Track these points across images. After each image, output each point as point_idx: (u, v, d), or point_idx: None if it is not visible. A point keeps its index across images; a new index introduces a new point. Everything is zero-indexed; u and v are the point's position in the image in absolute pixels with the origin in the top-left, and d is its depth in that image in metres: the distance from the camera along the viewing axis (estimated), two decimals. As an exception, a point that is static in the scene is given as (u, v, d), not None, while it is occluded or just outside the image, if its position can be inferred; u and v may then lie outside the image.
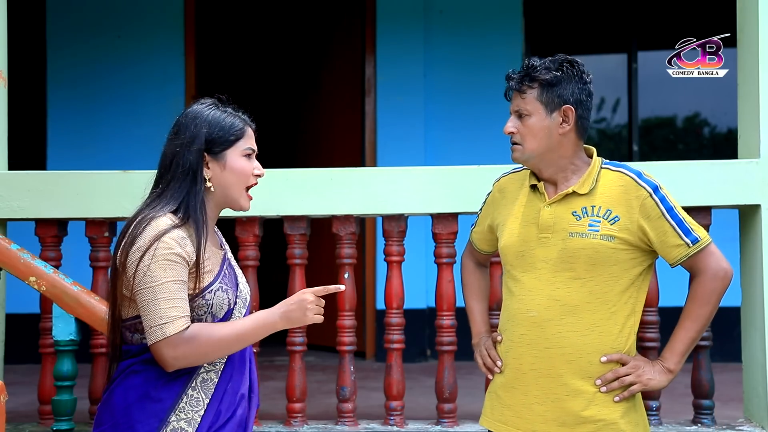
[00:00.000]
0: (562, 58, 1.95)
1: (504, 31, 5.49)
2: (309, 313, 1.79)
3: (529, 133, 1.93)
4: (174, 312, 1.70)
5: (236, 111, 1.91)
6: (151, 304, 1.70)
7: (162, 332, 1.69)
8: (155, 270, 1.70)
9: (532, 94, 1.92)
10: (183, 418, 1.75)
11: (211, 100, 1.90)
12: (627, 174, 1.93)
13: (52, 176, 2.87)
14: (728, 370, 3.55)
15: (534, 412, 1.92)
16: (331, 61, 5.75)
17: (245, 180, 1.87)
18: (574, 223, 1.90)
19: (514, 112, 1.96)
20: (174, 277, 1.71)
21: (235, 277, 1.89)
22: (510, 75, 1.98)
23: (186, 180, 1.80)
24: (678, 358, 1.92)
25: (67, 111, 5.41)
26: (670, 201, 1.91)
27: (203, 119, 1.84)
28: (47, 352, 2.74)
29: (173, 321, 1.70)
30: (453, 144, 5.39)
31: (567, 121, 1.93)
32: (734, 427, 2.67)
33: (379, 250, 4.67)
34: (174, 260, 1.72)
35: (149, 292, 1.70)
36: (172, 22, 5.43)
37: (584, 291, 1.88)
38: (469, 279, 2.23)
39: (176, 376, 1.76)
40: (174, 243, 1.72)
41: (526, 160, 1.97)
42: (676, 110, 5.79)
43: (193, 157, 1.81)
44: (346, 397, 2.73)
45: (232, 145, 1.85)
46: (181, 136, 1.83)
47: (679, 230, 1.89)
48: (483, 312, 2.20)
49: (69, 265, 2.84)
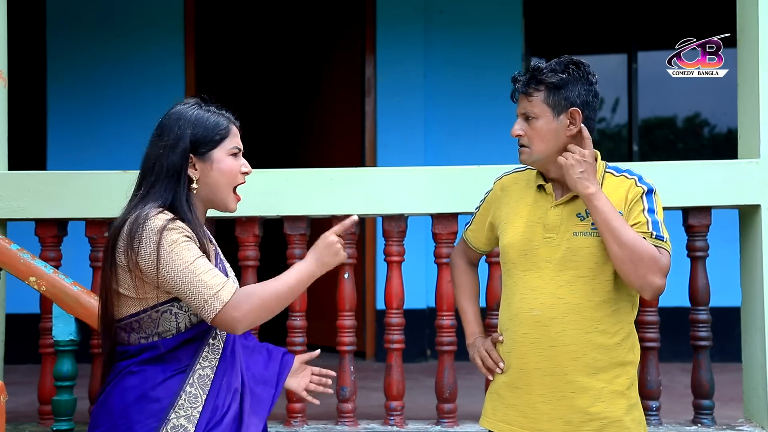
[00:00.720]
0: (567, 60, 1.95)
1: (504, 32, 5.49)
2: (341, 252, 1.85)
3: (536, 135, 1.94)
4: (219, 279, 1.73)
5: (220, 109, 1.90)
6: (194, 283, 1.71)
7: (219, 300, 1.71)
8: (180, 252, 1.72)
9: (539, 97, 1.93)
10: (183, 415, 1.75)
11: (194, 100, 1.89)
12: (629, 177, 1.96)
13: (52, 176, 2.87)
14: (728, 370, 3.55)
15: (539, 411, 1.93)
16: (331, 61, 5.75)
17: (233, 179, 1.87)
18: (579, 223, 1.93)
19: (521, 114, 1.96)
20: (198, 254, 1.75)
21: (226, 272, 1.89)
22: (516, 78, 1.98)
23: (171, 182, 1.80)
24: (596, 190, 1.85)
25: (67, 111, 5.41)
26: (654, 202, 1.92)
27: (187, 120, 1.83)
28: (47, 352, 2.74)
29: (223, 286, 1.72)
30: (453, 144, 5.39)
31: (574, 123, 1.93)
32: (734, 428, 2.67)
33: (379, 250, 4.67)
34: (188, 240, 1.75)
35: (186, 273, 1.71)
36: (172, 23, 5.43)
37: (587, 289, 1.90)
38: (461, 279, 2.23)
39: (172, 374, 1.76)
40: (182, 227, 1.75)
41: (533, 162, 1.98)
42: (676, 110, 5.79)
43: (177, 159, 1.81)
44: (346, 397, 2.73)
45: (218, 144, 1.84)
46: (165, 138, 1.82)
47: (649, 221, 1.88)
48: (476, 312, 2.20)
49: (69, 265, 2.84)
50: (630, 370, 1.93)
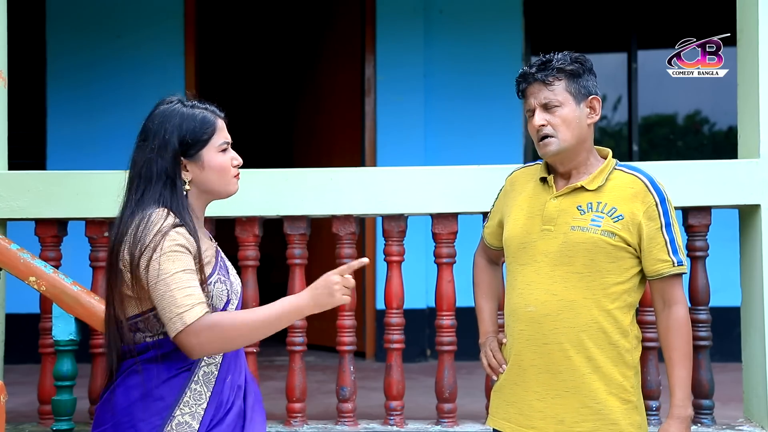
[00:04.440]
0: (572, 54, 1.95)
1: (504, 31, 5.49)
2: (337, 294, 1.76)
3: (563, 123, 1.91)
4: (190, 300, 1.69)
5: (203, 104, 1.87)
6: (166, 297, 1.69)
7: (182, 321, 1.68)
8: (164, 263, 1.70)
9: (560, 86, 1.91)
10: (187, 412, 1.76)
11: (176, 98, 1.87)
12: (640, 178, 1.93)
13: (51, 176, 2.87)
14: (728, 370, 3.55)
15: (534, 409, 1.92)
16: (331, 61, 5.74)
17: (226, 174, 1.86)
18: (578, 217, 1.90)
19: (540, 105, 1.92)
20: (184, 267, 1.71)
21: (227, 270, 1.89)
22: (528, 71, 1.95)
23: (166, 187, 1.79)
24: (689, 401, 1.93)
25: (67, 111, 5.41)
26: (670, 215, 1.92)
27: (173, 122, 1.81)
28: (47, 352, 2.74)
29: (191, 308, 1.69)
30: (453, 144, 5.38)
31: (594, 111, 1.94)
32: (734, 427, 2.67)
33: (379, 250, 4.66)
34: (180, 251, 1.72)
35: (162, 285, 1.70)
36: (172, 22, 5.43)
37: (581, 286, 1.88)
38: (480, 277, 2.22)
39: (177, 372, 1.76)
40: (178, 235, 1.73)
41: (559, 151, 1.93)
42: (676, 108, 5.80)
43: (169, 164, 1.79)
44: (346, 397, 2.73)
45: (207, 143, 1.83)
46: (152, 143, 1.80)
47: (669, 247, 1.90)
48: (492, 311, 2.18)
49: (69, 265, 2.83)
50: (627, 372, 1.91)
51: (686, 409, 1.91)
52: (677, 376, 1.91)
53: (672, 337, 1.92)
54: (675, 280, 1.92)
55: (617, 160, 2.01)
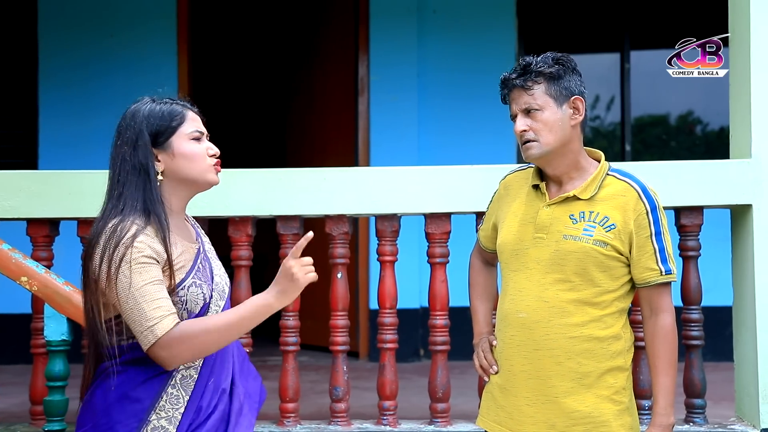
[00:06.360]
0: (554, 54, 1.95)
1: (497, 31, 5.49)
2: (298, 276, 1.73)
3: (544, 127, 1.91)
4: (159, 312, 1.69)
5: (173, 99, 1.90)
6: (135, 311, 1.69)
7: (153, 335, 1.68)
8: (131, 276, 1.70)
9: (539, 89, 1.91)
10: (164, 417, 1.75)
11: (147, 97, 1.90)
12: (633, 186, 1.93)
13: (43, 176, 2.86)
14: (720, 369, 3.56)
15: (524, 414, 1.92)
16: (324, 60, 5.74)
17: (200, 162, 1.85)
18: (570, 226, 1.91)
19: (521, 110, 1.93)
20: (151, 279, 1.71)
21: (211, 269, 1.88)
22: (508, 77, 1.96)
23: (140, 178, 1.79)
24: (672, 409, 1.93)
25: (59, 110, 5.39)
26: (661, 224, 1.92)
27: (141, 115, 1.84)
28: (39, 352, 2.73)
29: (160, 321, 1.69)
30: (446, 144, 5.39)
31: (578, 111, 1.94)
32: (726, 426, 2.68)
33: (372, 250, 4.67)
34: (147, 262, 1.71)
35: (131, 299, 1.70)
36: (165, 22, 5.41)
37: (572, 294, 1.89)
38: (475, 278, 2.23)
39: (154, 375, 1.76)
40: (143, 246, 1.72)
41: (542, 156, 1.93)
42: (668, 109, 5.81)
43: (141, 154, 1.80)
44: (339, 397, 2.73)
45: (176, 131, 1.84)
46: (124, 138, 1.82)
47: (658, 255, 1.91)
48: (486, 312, 2.19)
49: (60, 265, 2.82)
50: (618, 375, 1.91)
51: (668, 417, 1.91)
52: (661, 383, 1.92)
53: (657, 345, 1.93)
54: (663, 288, 1.93)
55: (609, 163, 2.00)
